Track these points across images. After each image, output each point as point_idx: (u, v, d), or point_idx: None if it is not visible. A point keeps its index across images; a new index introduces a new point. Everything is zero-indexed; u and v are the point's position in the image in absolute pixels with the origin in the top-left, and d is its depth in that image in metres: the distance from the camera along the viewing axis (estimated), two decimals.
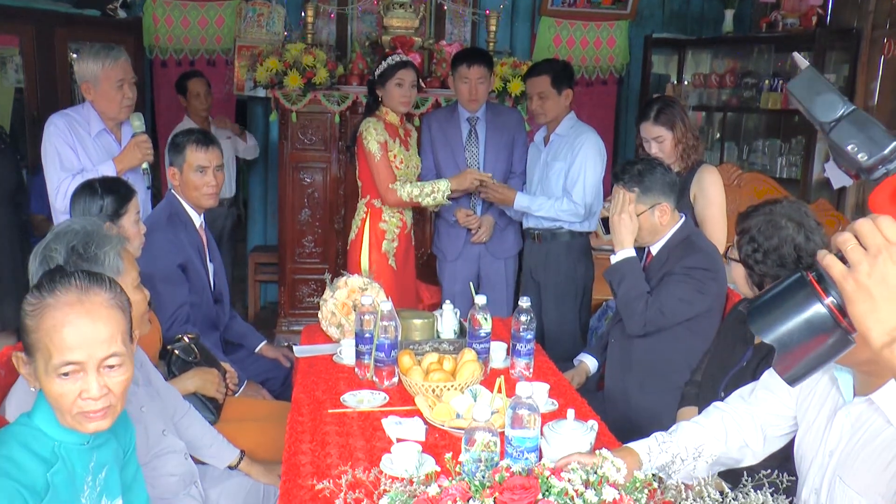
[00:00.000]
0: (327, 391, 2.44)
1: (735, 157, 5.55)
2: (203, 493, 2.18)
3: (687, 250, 2.66)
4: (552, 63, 3.81)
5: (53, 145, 3.17)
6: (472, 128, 4.03)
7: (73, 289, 1.49)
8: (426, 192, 3.63)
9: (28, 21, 4.76)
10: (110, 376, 1.50)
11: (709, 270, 2.62)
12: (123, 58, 3.27)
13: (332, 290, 2.95)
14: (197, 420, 2.33)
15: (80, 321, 1.47)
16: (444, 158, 4.01)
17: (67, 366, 1.46)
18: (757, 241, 2.17)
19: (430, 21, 5.37)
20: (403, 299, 3.66)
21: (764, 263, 2.16)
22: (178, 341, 2.60)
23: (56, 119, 3.23)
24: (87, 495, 1.50)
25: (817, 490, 1.59)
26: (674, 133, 3.12)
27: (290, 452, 2.01)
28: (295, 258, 4.92)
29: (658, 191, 2.69)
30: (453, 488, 1.38)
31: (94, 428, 1.51)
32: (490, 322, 2.61)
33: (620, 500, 1.34)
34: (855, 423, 1.53)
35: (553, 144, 3.74)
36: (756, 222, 2.19)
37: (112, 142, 3.33)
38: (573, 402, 2.33)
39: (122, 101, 3.25)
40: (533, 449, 1.74)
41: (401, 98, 3.68)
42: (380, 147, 3.62)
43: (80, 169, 3.16)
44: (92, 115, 3.27)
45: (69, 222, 2.01)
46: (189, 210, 3.06)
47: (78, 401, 1.48)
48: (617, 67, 6.05)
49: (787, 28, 5.09)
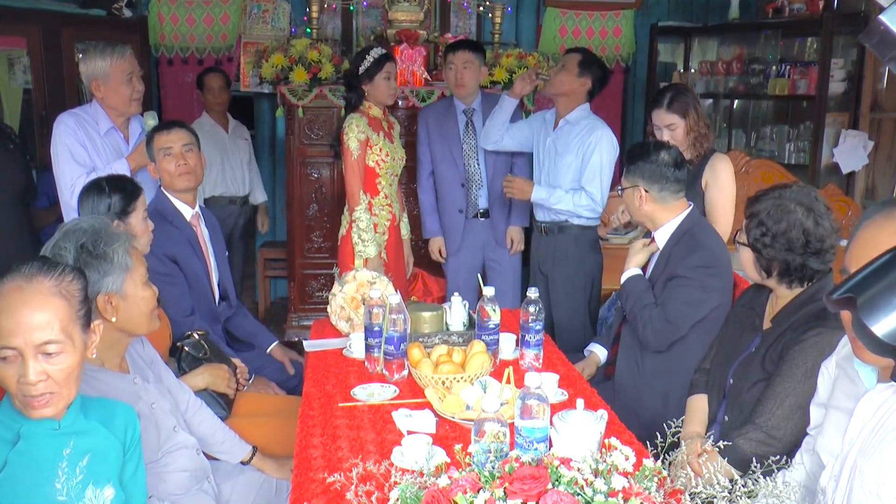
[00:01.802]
0: (337, 385, 2.45)
1: (743, 144, 5.52)
2: (216, 488, 2.19)
3: (688, 248, 2.64)
4: (589, 52, 3.77)
5: (64, 143, 3.19)
6: (468, 119, 4.04)
7: (19, 277, 1.53)
8: (364, 238, 3.66)
9: (34, 22, 4.77)
10: (49, 363, 1.53)
11: (710, 267, 2.60)
12: (129, 52, 3.30)
13: (341, 285, 2.95)
14: (208, 416, 2.34)
15: (17, 308, 1.51)
16: (441, 151, 4.03)
17: (5, 350, 1.50)
18: (766, 224, 2.16)
19: (435, 14, 5.37)
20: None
21: (772, 247, 2.15)
22: (188, 338, 2.61)
23: (65, 118, 3.25)
24: (63, 480, 1.54)
25: (837, 477, 1.58)
26: (686, 121, 3.10)
27: (302, 446, 2.02)
28: (304, 253, 4.93)
29: (638, 173, 2.70)
30: (463, 479, 1.38)
31: (38, 415, 1.54)
32: (499, 313, 2.61)
33: (630, 488, 1.35)
34: (877, 412, 1.52)
35: (562, 131, 3.63)
36: (765, 206, 2.18)
37: (120, 140, 3.34)
38: (583, 392, 2.33)
39: (131, 95, 3.27)
40: (542, 439, 1.74)
41: (389, 91, 3.71)
42: (359, 146, 3.63)
43: (92, 167, 3.18)
44: (100, 113, 3.29)
45: (76, 221, 2.02)
46: (178, 203, 3.02)
47: (20, 386, 1.51)
48: (623, 56, 6.02)
49: (794, 13, 5.06)
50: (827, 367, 1.84)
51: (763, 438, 2.03)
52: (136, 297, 1.99)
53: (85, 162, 3.20)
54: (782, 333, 2.13)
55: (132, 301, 1.98)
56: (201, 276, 3.02)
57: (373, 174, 3.72)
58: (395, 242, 3.89)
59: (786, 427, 2.02)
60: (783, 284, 2.19)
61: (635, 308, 2.69)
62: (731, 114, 5.75)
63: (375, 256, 3.69)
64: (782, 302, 2.20)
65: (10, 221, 3.75)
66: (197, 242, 3.04)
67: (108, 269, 1.92)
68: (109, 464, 1.66)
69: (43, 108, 4.82)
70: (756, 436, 2.04)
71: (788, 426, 2.02)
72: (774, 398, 2.05)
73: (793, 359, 2.05)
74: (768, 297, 2.29)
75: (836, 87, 4.81)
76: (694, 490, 1.46)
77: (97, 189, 2.57)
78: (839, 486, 1.56)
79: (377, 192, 3.75)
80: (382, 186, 3.76)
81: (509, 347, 2.70)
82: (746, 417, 2.12)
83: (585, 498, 1.32)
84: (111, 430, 1.68)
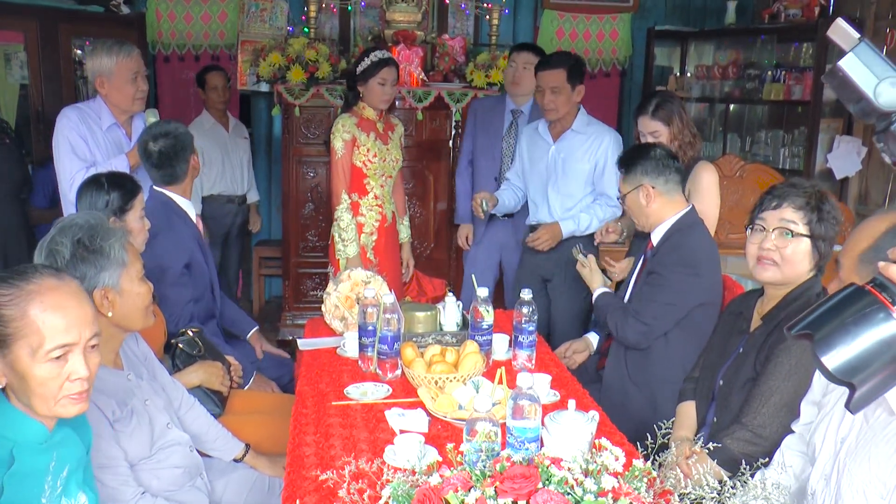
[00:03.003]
0: (331, 384, 2.46)
1: (738, 149, 5.54)
2: (209, 485, 2.20)
3: (671, 246, 2.66)
4: (567, 56, 3.58)
5: (66, 137, 3.22)
6: (514, 120, 4.07)
7: (48, 276, 1.53)
8: (344, 238, 3.67)
9: (32, 17, 4.77)
10: (91, 357, 1.55)
11: (690, 266, 2.61)
12: (137, 52, 3.34)
13: (336, 284, 2.96)
14: (202, 413, 2.35)
15: (69, 303, 1.51)
16: (482, 146, 4.07)
17: (61, 348, 1.49)
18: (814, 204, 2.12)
19: (433, 15, 5.37)
20: None
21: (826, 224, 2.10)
22: (183, 335, 2.62)
23: (68, 111, 3.29)
24: (47, 496, 1.51)
25: (827, 476, 1.60)
26: (670, 129, 3.10)
27: (295, 444, 2.03)
28: (299, 252, 4.94)
29: (640, 172, 2.71)
30: (455, 478, 1.39)
31: (77, 410, 1.55)
32: (492, 314, 2.62)
33: (619, 488, 1.36)
34: (867, 412, 1.54)
35: (567, 141, 3.57)
36: (795, 190, 2.16)
37: (122, 136, 3.36)
38: (575, 394, 2.35)
39: (135, 94, 3.30)
40: (534, 439, 1.75)
41: (382, 96, 3.67)
42: (343, 145, 3.63)
43: (92, 161, 3.20)
44: (103, 109, 3.32)
45: (72, 216, 2.03)
46: (181, 203, 3.02)
47: (66, 384, 1.51)
48: (620, 60, 6.04)
49: (790, 19, 5.09)
50: None
51: (750, 437, 2.05)
52: (132, 292, 2.00)
53: (85, 156, 3.22)
54: (770, 332, 2.14)
55: (128, 296, 1.99)
56: (205, 273, 3.04)
57: (360, 174, 3.72)
58: (387, 244, 3.87)
59: (772, 425, 2.03)
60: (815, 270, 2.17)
61: (613, 316, 2.73)
62: (726, 118, 5.77)
63: (355, 256, 3.68)
64: (772, 302, 2.22)
65: (6, 215, 3.77)
66: (201, 239, 3.07)
67: (104, 264, 1.93)
68: (81, 470, 1.66)
69: (40, 103, 4.83)
70: (743, 435, 2.06)
71: (774, 424, 2.03)
72: (760, 397, 2.06)
73: (777, 357, 2.06)
74: (756, 302, 2.31)
75: (830, 92, 4.83)
76: (683, 491, 1.47)
77: (96, 185, 2.58)
78: (829, 486, 1.58)
79: (366, 193, 3.75)
80: (372, 187, 3.76)
81: (502, 348, 2.71)
82: (734, 418, 2.14)
83: (575, 497, 1.33)
84: (80, 434, 1.67)
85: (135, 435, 1.96)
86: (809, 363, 1.96)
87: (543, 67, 3.50)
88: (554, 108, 3.48)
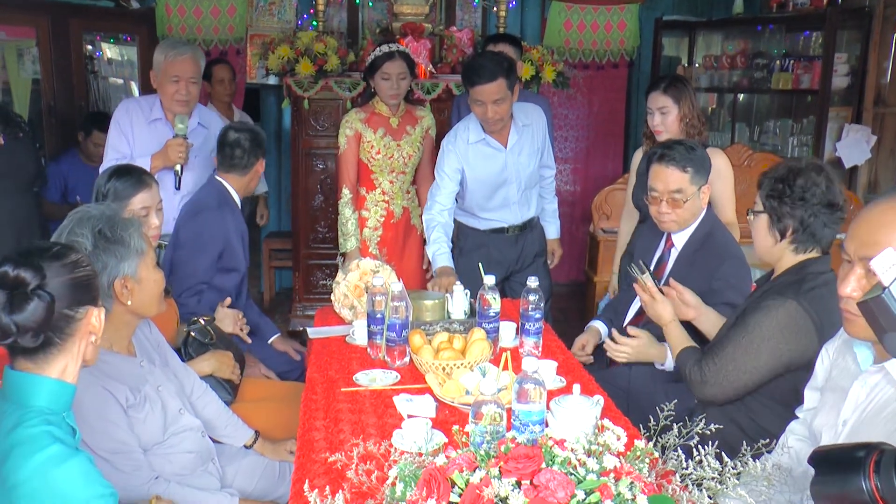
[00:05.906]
0: (340, 371, 2.49)
1: (746, 138, 5.54)
2: (220, 470, 2.24)
3: (716, 256, 2.64)
4: (499, 61, 3.22)
5: (112, 129, 3.41)
6: None
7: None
8: (344, 232, 3.74)
9: (43, 12, 4.81)
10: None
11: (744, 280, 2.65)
12: (188, 56, 3.36)
13: (345, 273, 2.99)
14: (213, 400, 2.38)
15: None
16: None
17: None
18: (783, 181, 2.17)
19: (441, 7, 5.38)
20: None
21: (788, 203, 2.15)
22: (195, 324, 2.65)
23: (123, 104, 3.50)
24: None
25: None
26: (679, 107, 3.10)
27: (305, 429, 2.06)
28: (309, 243, 4.97)
29: (706, 171, 2.68)
30: (460, 458, 1.42)
31: None
32: (499, 302, 2.65)
33: (621, 468, 1.39)
34: (870, 393, 1.56)
35: (516, 141, 3.40)
36: (779, 169, 2.22)
37: (167, 131, 3.41)
38: (580, 379, 2.37)
39: (173, 96, 3.36)
40: (538, 422, 1.77)
41: (388, 91, 3.66)
42: (346, 141, 3.65)
43: (127, 155, 3.31)
44: (157, 102, 3.44)
45: (86, 208, 2.05)
46: (235, 196, 3.14)
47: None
48: (628, 51, 6.04)
49: (798, 8, 5.08)
50: (827, 349, 1.87)
51: (698, 378, 2.23)
52: (149, 279, 2.04)
53: (120, 149, 3.35)
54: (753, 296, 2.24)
55: (146, 284, 2.03)
56: (239, 268, 3.14)
57: (366, 169, 3.75)
58: (395, 237, 3.89)
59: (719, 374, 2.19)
60: (792, 248, 2.18)
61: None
62: (734, 108, 5.77)
63: (354, 250, 3.70)
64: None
65: (21, 207, 3.82)
66: (245, 237, 3.17)
67: (125, 253, 1.97)
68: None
69: (51, 98, 4.87)
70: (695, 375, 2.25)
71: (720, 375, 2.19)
72: (724, 356, 2.18)
73: (745, 322, 2.15)
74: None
75: (839, 81, 4.83)
76: (685, 471, 1.49)
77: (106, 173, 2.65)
78: None
79: (373, 188, 3.77)
80: (380, 182, 3.77)
81: (509, 335, 2.73)
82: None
83: (578, 477, 1.36)
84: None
85: (148, 421, 2.00)
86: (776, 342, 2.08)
87: (480, 82, 3.16)
88: (500, 118, 3.27)
